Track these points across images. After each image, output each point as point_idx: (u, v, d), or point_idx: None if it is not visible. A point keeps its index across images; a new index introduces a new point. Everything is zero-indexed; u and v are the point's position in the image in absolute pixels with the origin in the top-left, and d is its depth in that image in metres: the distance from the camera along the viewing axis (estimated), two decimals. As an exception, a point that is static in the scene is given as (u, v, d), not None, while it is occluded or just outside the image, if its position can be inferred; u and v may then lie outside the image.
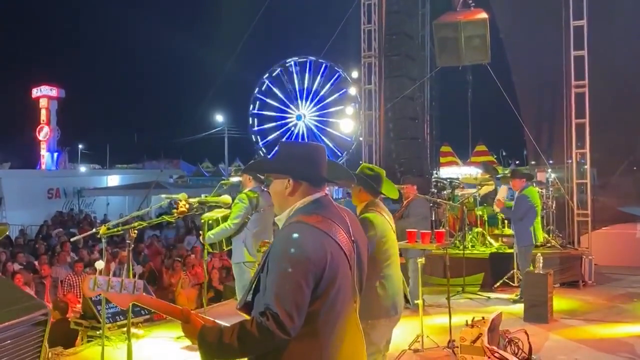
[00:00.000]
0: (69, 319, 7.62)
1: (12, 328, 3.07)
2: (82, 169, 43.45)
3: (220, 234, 6.29)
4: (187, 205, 4.66)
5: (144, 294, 2.41)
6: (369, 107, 14.10)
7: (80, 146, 50.19)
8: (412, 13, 14.55)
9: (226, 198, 6.13)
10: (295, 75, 46.23)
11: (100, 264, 2.35)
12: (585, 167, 11.34)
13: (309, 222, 2.42)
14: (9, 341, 3.08)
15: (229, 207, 6.37)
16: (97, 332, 6.91)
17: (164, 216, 4.60)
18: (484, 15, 11.76)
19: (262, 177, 6.24)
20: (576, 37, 10.83)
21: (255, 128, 46.63)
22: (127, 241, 3.83)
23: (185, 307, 2.45)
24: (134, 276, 2.43)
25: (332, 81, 45.41)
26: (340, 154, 43.90)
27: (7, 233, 19.77)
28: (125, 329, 6.84)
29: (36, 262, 11.75)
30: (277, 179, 2.63)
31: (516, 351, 5.52)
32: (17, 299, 3.31)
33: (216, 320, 2.43)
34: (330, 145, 44.73)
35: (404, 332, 6.64)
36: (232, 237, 6.48)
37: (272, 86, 46.25)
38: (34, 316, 3.23)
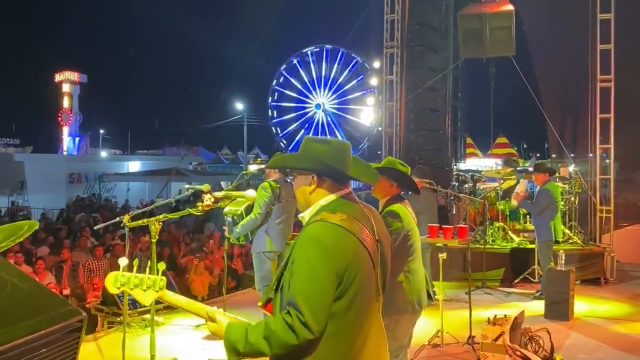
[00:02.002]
0: (87, 305, 7.70)
1: (48, 336, 3.06)
2: (103, 154, 43.84)
3: (247, 227, 6.21)
4: (213, 199, 4.64)
5: (167, 291, 2.41)
6: (390, 98, 14.01)
7: (101, 131, 50.58)
8: (435, 3, 14.35)
9: (250, 194, 6.07)
10: (312, 65, 46.26)
11: (123, 261, 2.32)
12: (608, 161, 11.19)
13: (333, 220, 2.40)
14: (44, 349, 3.04)
15: (253, 199, 6.30)
16: (118, 319, 6.98)
17: (188, 209, 4.58)
18: (510, 7, 11.60)
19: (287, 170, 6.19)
20: (602, 30, 10.64)
21: (275, 120, 46.72)
22: (152, 233, 3.84)
23: (211, 308, 2.44)
24: (158, 272, 2.41)
25: (349, 68, 45.44)
26: (361, 141, 43.91)
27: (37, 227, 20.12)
28: (145, 315, 6.93)
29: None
30: (301, 175, 2.61)
31: (537, 349, 5.48)
32: (52, 305, 3.29)
33: (237, 317, 2.44)
34: (351, 132, 44.77)
35: (423, 326, 6.60)
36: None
37: (289, 77, 46.26)
38: (70, 323, 3.21)
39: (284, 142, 45.99)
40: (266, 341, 2.23)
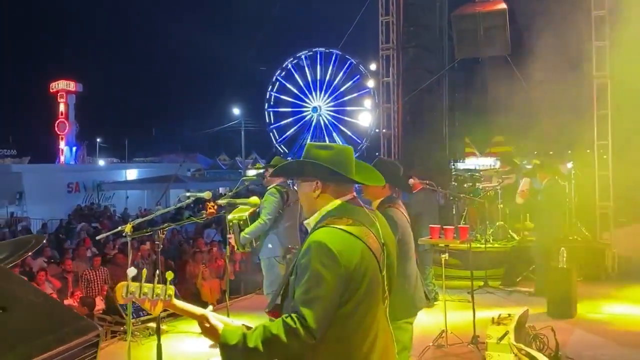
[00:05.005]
0: (95, 314, 7.72)
1: (67, 351, 3.04)
2: (101, 162, 43.79)
3: (256, 231, 6.15)
4: (216, 207, 4.64)
5: (175, 299, 2.41)
6: (387, 99, 14.05)
7: (98, 140, 50.49)
8: (430, 5, 14.38)
9: (254, 199, 6.04)
10: (307, 69, 46.35)
11: (132, 271, 2.33)
12: (606, 157, 11.19)
13: (339, 225, 2.41)
14: None
15: (256, 206, 6.24)
16: (121, 328, 6.98)
17: (192, 217, 4.60)
18: (503, 6, 11.62)
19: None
20: (597, 27, 10.66)
21: (273, 125, 46.77)
22: (157, 242, 3.84)
23: (205, 311, 2.42)
24: (165, 281, 2.42)
25: (344, 70, 45.53)
26: (360, 142, 43.97)
27: (30, 228, 19.99)
28: (149, 324, 6.93)
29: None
30: (305, 182, 2.62)
31: (542, 347, 5.47)
32: (69, 320, 3.28)
33: (234, 321, 2.44)
34: (349, 133, 44.87)
35: (427, 327, 6.62)
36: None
37: (285, 82, 46.37)
38: (88, 338, 3.20)
39: (283, 147, 46.01)
40: (266, 346, 2.23)
